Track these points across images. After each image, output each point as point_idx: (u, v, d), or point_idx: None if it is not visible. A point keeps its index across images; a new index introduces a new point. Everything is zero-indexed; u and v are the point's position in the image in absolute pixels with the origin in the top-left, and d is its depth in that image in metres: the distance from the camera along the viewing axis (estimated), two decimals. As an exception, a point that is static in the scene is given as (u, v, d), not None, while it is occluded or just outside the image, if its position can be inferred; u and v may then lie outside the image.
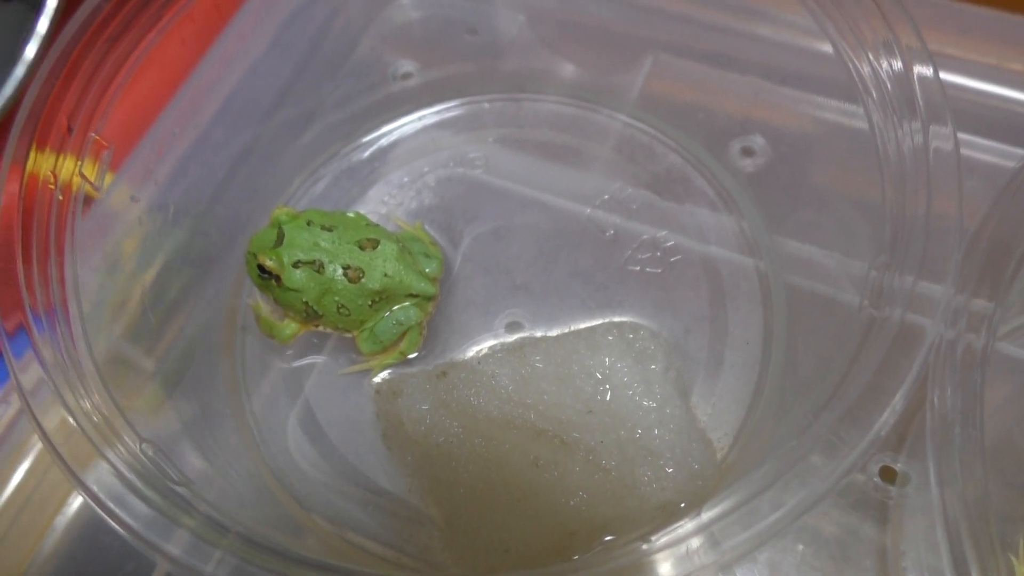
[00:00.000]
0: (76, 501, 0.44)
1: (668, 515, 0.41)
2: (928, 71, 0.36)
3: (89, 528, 0.43)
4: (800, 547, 0.42)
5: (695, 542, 0.30)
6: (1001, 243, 0.34)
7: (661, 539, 0.31)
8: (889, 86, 0.36)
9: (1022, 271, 0.35)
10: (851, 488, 0.43)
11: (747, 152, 0.52)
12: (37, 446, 0.45)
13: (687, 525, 0.31)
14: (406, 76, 0.58)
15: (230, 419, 0.46)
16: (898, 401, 0.30)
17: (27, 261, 0.34)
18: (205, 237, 0.50)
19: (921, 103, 0.35)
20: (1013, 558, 0.39)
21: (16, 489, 0.44)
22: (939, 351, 0.31)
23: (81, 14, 0.38)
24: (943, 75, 0.53)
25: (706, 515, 0.31)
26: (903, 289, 0.32)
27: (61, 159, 0.37)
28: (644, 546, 0.31)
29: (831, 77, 0.41)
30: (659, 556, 0.30)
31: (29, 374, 0.33)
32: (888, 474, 0.42)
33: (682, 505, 0.41)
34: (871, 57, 0.37)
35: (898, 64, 0.36)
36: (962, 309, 0.31)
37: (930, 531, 0.35)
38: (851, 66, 0.38)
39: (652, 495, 0.41)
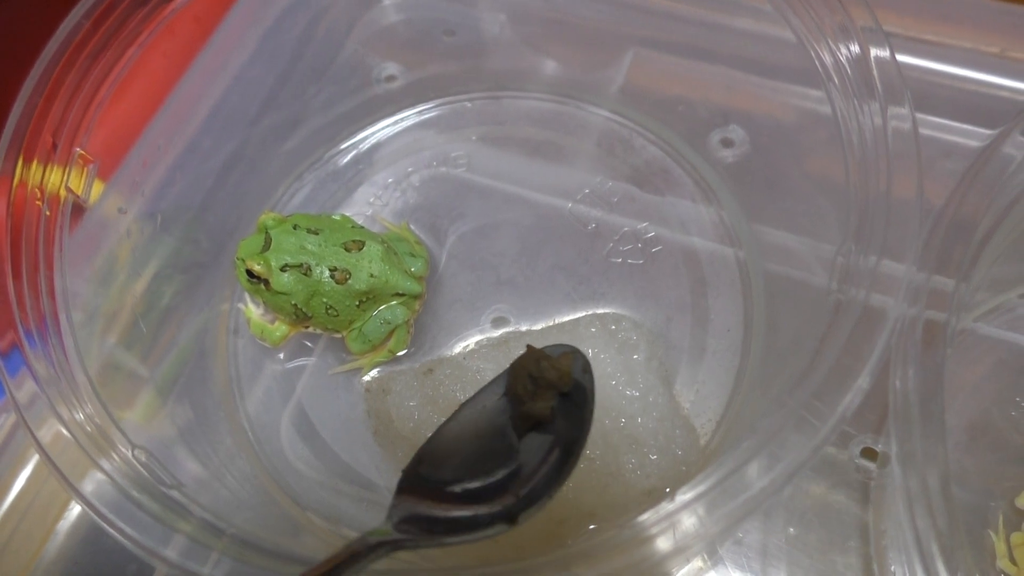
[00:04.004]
0: (77, 506, 0.45)
1: (654, 501, 0.41)
2: (885, 52, 0.36)
3: (91, 532, 0.44)
4: (791, 530, 0.43)
5: (678, 519, 0.31)
6: (965, 222, 0.35)
7: (645, 520, 0.31)
8: (848, 70, 0.37)
9: (986, 250, 0.36)
10: (835, 468, 0.43)
11: (727, 143, 0.53)
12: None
13: (668, 506, 0.31)
14: (390, 78, 0.59)
15: (224, 422, 0.47)
16: (863, 381, 0.31)
17: (17, 277, 0.35)
18: (195, 244, 0.51)
19: (879, 85, 0.35)
20: (992, 534, 0.40)
21: (18, 495, 0.45)
22: (901, 330, 0.31)
23: (61, 32, 0.39)
24: (922, 61, 0.54)
25: (687, 494, 0.31)
26: (867, 270, 0.33)
27: (47, 175, 0.38)
28: (627, 530, 0.32)
29: (801, 65, 0.42)
30: (644, 537, 0.31)
31: (24, 390, 0.34)
32: (870, 454, 0.43)
33: (667, 491, 0.42)
34: (830, 42, 0.38)
35: (855, 47, 0.37)
36: (923, 288, 0.32)
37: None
38: (812, 52, 0.39)
39: (637, 482, 0.42)
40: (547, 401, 0.34)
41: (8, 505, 0.45)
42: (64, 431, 0.33)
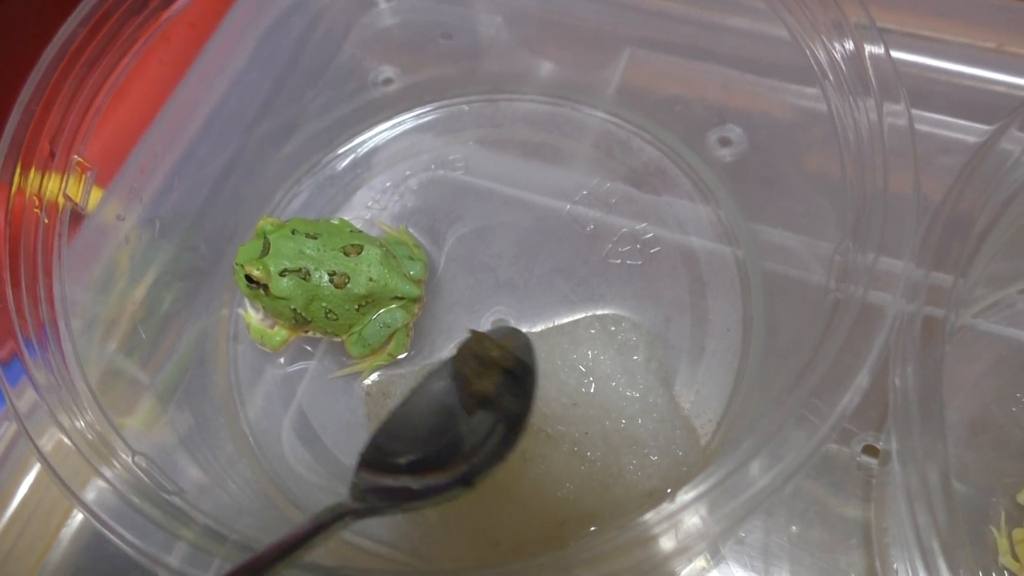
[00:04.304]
0: (79, 514, 0.45)
1: (655, 502, 0.41)
2: (879, 49, 0.36)
3: (93, 539, 0.44)
4: (793, 528, 0.43)
5: (679, 519, 0.31)
6: (963, 218, 0.35)
7: (646, 521, 0.31)
8: (843, 67, 0.37)
9: (984, 245, 0.36)
10: (837, 466, 0.43)
11: (724, 142, 0.53)
12: (39, 461, 0.46)
13: (669, 506, 0.31)
14: (387, 82, 0.59)
15: (225, 427, 0.47)
16: (862, 379, 0.31)
17: (16, 286, 0.35)
18: (194, 251, 0.51)
19: (874, 82, 0.35)
20: (994, 530, 0.40)
21: (21, 503, 0.45)
22: (900, 327, 0.31)
23: (58, 40, 0.39)
24: (919, 57, 0.54)
25: (689, 494, 0.31)
26: (865, 267, 0.33)
27: (45, 183, 0.38)
28: (628, 530, 0.32)
29: (797, 63, 0.42)
30: (646, 537, 0.31)
31: (24, 399, 0.34)
32: (872, 452, 0.43)
33: (668, 491, 0.42)
34: (824, 39, 0.38)
35: (850, 44, 0.37)
36: (921, 284, 0.32)
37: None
38: (807, 49, 0.39)
39: (638, 483, 0.42)
40: (491, 378, 0.38)
41: (11, 512, 0.45)
42: (65, 439, 0.33)
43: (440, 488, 0.35)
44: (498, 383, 0.38)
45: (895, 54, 0.54)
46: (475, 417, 0.38)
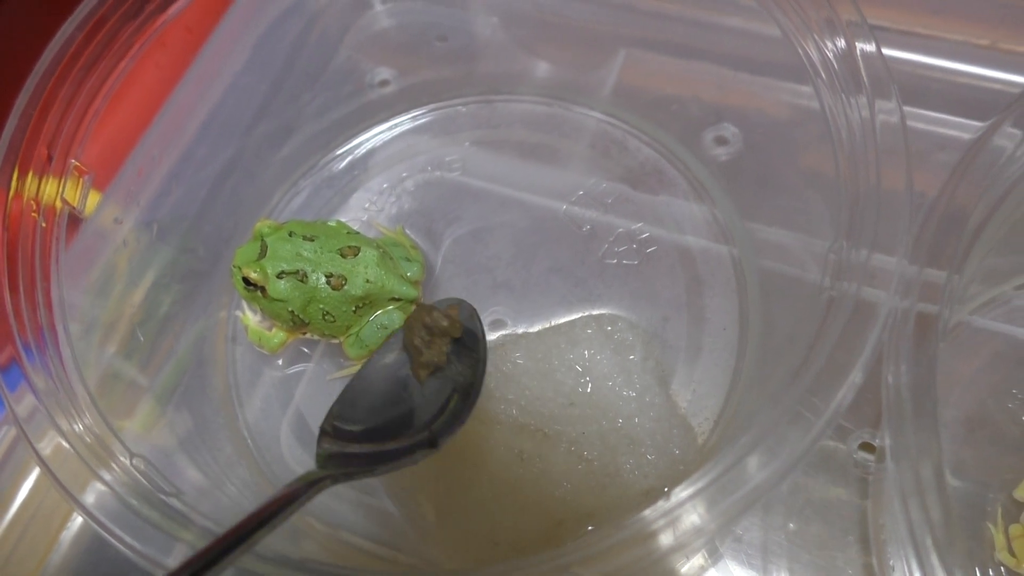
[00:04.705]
0: (80, 517, 0.45)
1: (652, 501, 0.42)
2: (871, 46, 0.36)
3: (94, 542, 0.45)
4: (791, 525, 0.43)
5: (677, 516, 0.31)
6: (957, 215, 0.35)
7: (643, 518, 0.31)
8: (835, 65, 0.37)
9: (979, 242, 0.36)
10: (834, 463, 0.43)
11: (720, 141, 0.53)
12: (39, 464, 0.46)
13: (667, 503, 0.32)
14: (383, 83, 0.59)
15: (224, 429, 0.47)
16: (856, 376, 0.31)
17: (14, 291, 0.35)
18: (192, 253, 0.51)
19: (866, 79, 0.35)
20: (991, 526, 0.40)
21: (21, 506, 0.45)
22: (894, 324, 0.32)
23: (54, 45, 0.40)
24: (913, 55, 0.54)
25: (685, 491, 0.32)
26: (859, 265, 0.33)
27: (42, 187, 0.39)
28: (626, 528, 0.32)
29: (792, 62, 0.42)
30: (644, 535, 0.31)
31: (24, 403, 0.34)
32: (868, 449, 0.43)
33: (665, 490, 0.42)
34: (816, 37, 0.38)
35: (841, 42, 0.37)
36: (915, 281, 0.32)
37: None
38: (798, 47, 0.39)
39: (635, 482, 0.42)
40: (441, 348, 0.40)
41: (12, 516, 0.45)
42: (64, 443, 0.33)
43: (405, 450, 0.37)
44: (448, 352, 0.40)
45: (890, 52, 0.54)
46: (428, 387, 0.40)
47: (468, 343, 0.41)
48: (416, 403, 0.39)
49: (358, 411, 0.39)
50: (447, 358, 0.40)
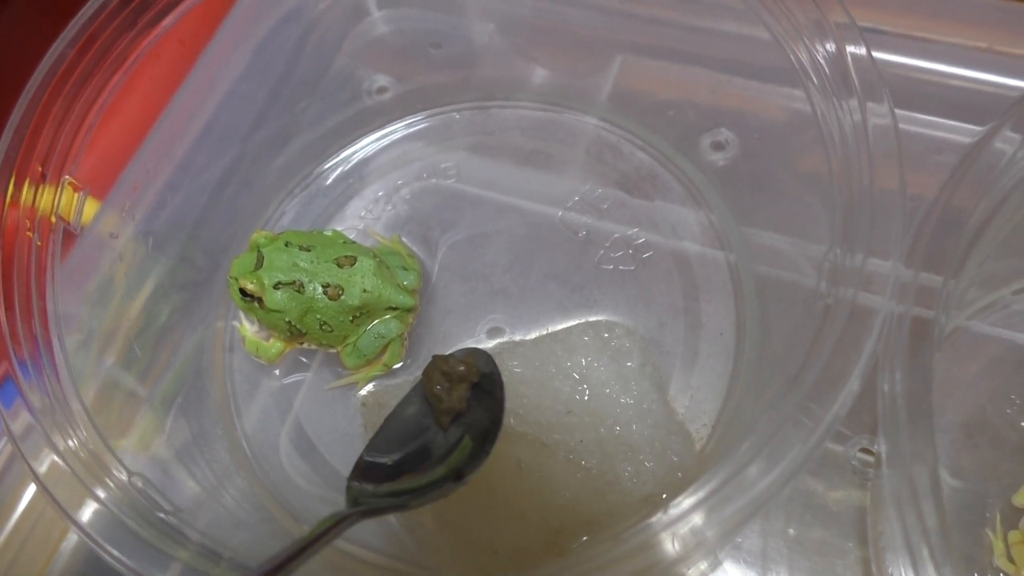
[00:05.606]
0: (78, 531, 0.45)
1: (651, 508, 0.42)
2: (860, 49, 0.36)
3: (92, 557, 0.44)
4: (791, 532, 0.43)
5: (677, 526, 0.31)
6: (954, 219, 0.35)
7: (643, 528, 0.31)
8: (826, 69, 0.37)
9: (976, 246, 0.36)
10: (833, 469, 0.43)
11: (717, 146, 0.53)
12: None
13: (667, 513, 0.31)
14: (381, 90, 0.59)
15: (222, 440, 0.47)
16: (853, 382, 0.31)
17: (9, 308, 0.35)
18: (190, 263, 0.51)
19: (856, 83, 0.35)
20: (990, 532, 0.40)
21: (21, 516, 0.45)
22: (890, 330, 0.31)
23: (47, 62, 0.40)
24: (910, 58, 0.54)
25: (685, 501, 0.31)
26: (854, 270, 0.33)
27: (37, 204, 0.39)
28: (625, 538, 0.32)
29: (786, 66, 0.42)
30: (644, 545, 0.31)
31: (19, 421, 0.34)
32: (868, 455, 0.43)
33: (664, 497, 0.42)
34: (806, 40, 0.38)
35: (831, 45, 0.37)
36: (910, 285, 0.32)
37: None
38: (788, 51, 0.39)
39: (634, 489, 0.42)
40: (461, 393, 0.41)
41: (10, 530, 0.45)
42: (60, 461, 0.33)
43: (433, 485, 0.37)
44: (468, 397, 0.41)
45: (886, 55, 0.54)
46: (451, 433, 0.40)
47: (487, 387, 0.41)
48: (441, 448, 0.40)
49: (386, 457, 0.40)
50: (467, 404, 0.41)
